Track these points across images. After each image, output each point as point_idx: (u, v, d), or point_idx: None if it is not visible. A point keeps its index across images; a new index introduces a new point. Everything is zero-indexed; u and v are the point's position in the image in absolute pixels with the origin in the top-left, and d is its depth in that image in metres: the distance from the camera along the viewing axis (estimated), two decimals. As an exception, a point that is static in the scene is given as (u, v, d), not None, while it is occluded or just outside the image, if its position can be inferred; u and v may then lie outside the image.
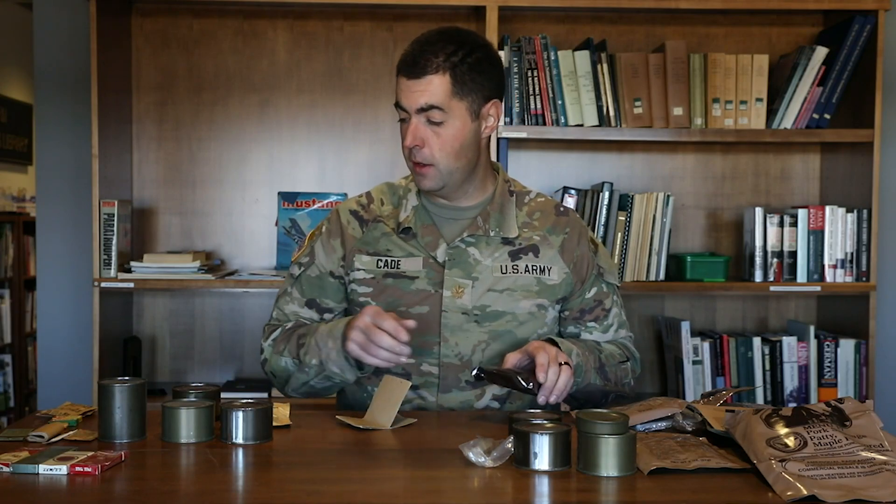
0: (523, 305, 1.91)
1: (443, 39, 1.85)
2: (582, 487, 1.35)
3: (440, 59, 1.83)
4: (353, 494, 1.33)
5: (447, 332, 1.89)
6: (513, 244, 1.94)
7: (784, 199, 3.29)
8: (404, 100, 1.86)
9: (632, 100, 2.98)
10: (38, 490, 1.33)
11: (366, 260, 1.94)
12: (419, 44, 1.86)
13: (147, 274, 2.94)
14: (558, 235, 1.97)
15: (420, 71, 1.83)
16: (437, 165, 1.87)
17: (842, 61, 2.98)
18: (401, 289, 1.91)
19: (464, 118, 1.86)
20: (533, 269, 1.93)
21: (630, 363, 2.01)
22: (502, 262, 1.92)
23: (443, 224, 1.95)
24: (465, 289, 1.90)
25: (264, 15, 3.20)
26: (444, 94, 1.83)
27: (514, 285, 1.91)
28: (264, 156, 3.24)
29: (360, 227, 1.97)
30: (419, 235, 1.93)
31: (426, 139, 1.85)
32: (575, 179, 3.24)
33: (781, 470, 1.33)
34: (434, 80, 1.83)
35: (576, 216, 2.03)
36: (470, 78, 1.85)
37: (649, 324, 3.30)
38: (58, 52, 3.22)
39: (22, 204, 6.39)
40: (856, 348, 3.04)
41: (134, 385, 1.59)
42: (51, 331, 3.25)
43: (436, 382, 1.89)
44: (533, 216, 1.98)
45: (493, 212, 1.94)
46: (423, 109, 1.84)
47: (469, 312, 1.90)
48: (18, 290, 5.55)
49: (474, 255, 1.92)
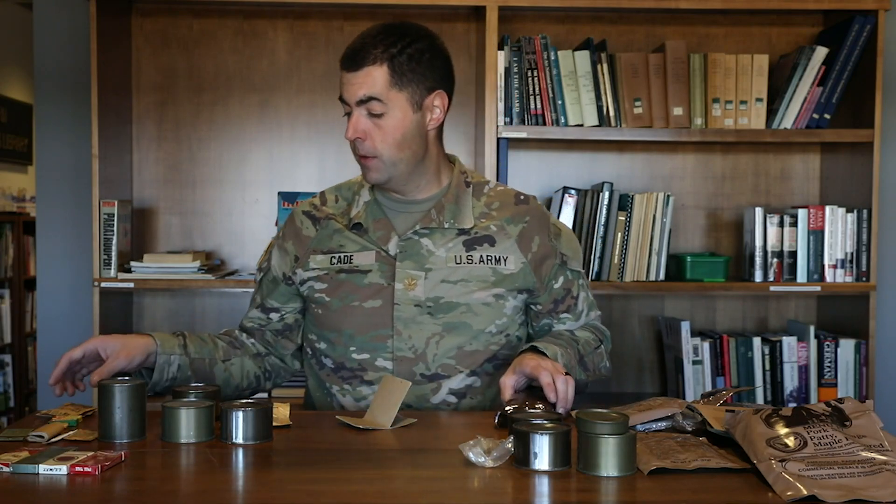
0: (478, 296, 1.90)
1: (383, 32, 1.87)
2: (582, 487, 1.35)
3: (378, 51, 1.84)
4: (353, 494, 1.33)
5: (400, 324, 1.89)
6: (468, 234, 1.93)
7: (784, 199, 3.29)
8: (344, 93, 1.87)
9: (632, 100, 2.98)
10: (38, 490, 1.33)
11: (320, 259, 1.95)
12: (360, 37, 1.88)
13: (147, 274, 2.94)
14: (517, 225, 1.96)
15: (359, 63, 1.84)
16: (381, 157, 1.88)
17: (842, 61, 2.98)
18: (354, 283, 1.91)
19: (404, 109, 1.87)
20: (488, 259, 1.92)
21: (604, 345, 2.03)
22: (457, 253, 1.91)
23: (396, 217, 1.95)
24: (418, 280, 1.89)
25: (264, 15, 3.20)
26: (382, 85, 1.84)
27: (469, 276, 1.91)
28: (264, 156, 3.24)
29: (313, 227, 1.99)
30: (371, 230, 1.93)
31: (368, 131, 1.86)
32: (575, 179, 3.24)
33: (781, 470, 1.32)
34: (372, 72, 1.84)
35: (536, 204, 2.02)
36: (409, 69, 1.86)
37: (649, 324, 3.30)
38: (58, 52, 3.22)
39: (22, 204, 6.39)
40: (856, 348, 3.04)
41: (134, 385, 1.59)
42: (51, 331, 3.25)
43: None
44: (491, 206, 1.98)
45: (447, 203, 1.94)
46: (363, 101, 1.85)
47: (422, 304, 1.89)
48: (18, 290, 5.55)
49: (427, 247, 1.91)
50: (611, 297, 3.28)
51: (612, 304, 3.29)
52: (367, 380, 1.91)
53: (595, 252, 2.97)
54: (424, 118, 1.90)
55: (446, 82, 1.93)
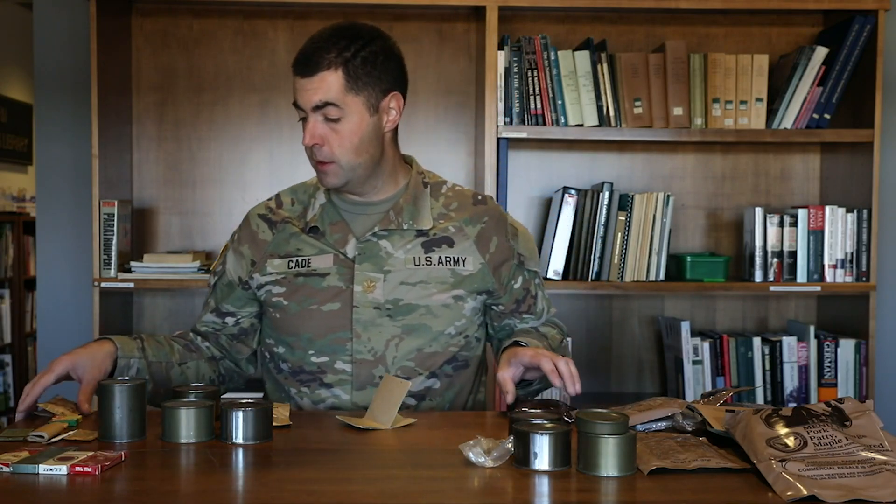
0: (437, 298, 1.90)
1: (335, 35, 1.84)
2: (582, 487, 1.35)
3: (332, 56, 1.82)
4: (353, 494, 1.33)
5: (359, 327, 1.88)
6: (427, 235, 1.93)
7: (784, 199, 3.29)
8: (299, 99, 1.85)
9: (632, 100, 2.98)
10: (38, 490, 1.33)
11: (277, 263, 1.94)
12: (312, 41, 1.85)
13: (147, 274, 2.94)
14: (475, 226, 1.96)
15: (313, 68, 1.82)
16: (339, 162, 1.86)
17: (842, 61, 2.98)
18: (312, 286, 1.90)
19: (361, 113, 1.85)
20: (447, 260, 1.92)
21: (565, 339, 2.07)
22: (415, 255, 1.91)
23: (353, 220, 1.94)
24: (377, 283, 1.88)
25: (264, 15, 3.20)
26: (338, 90, 1.82)
27: (428, 277, 1.90)
28: (264, 156, 3.24)
29: (269, 231, 1.97)
30: (327, 233, 1.92)
31: (325, 137, 1.84)
32: (575, 179, 3.24)
33: (781, 470, 1.33)
34: (327, 77, 1.82)
35: (494, 204, 2.02)
36: (364, 72, 1.84)
37: (649, 324, 3.30)
38: (58, 52, 3.22)
39: (22, 204, 6.39)
40: (856, 348, 3.04)
41: (134, 385, 1.59)
42: (51, 331, 3.25)
43: (350, 380, 1.88)
44: (450, 207, 1.97)
45: (405, 204, 1.93)
46: (319, 107, 1.83)
47: (381, 307, 1.88)
48: (18, 290, 5.55)
49: (386, 249, 1.90)
50: (611, 297, 3.28)
51: (612, 304, 3.29)
52: (326, 382, 1.89)
53: (595, 252, 2.97)
54: (381, 121, 1.88)
55: (400, 83, 1.91)
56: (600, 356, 3.29)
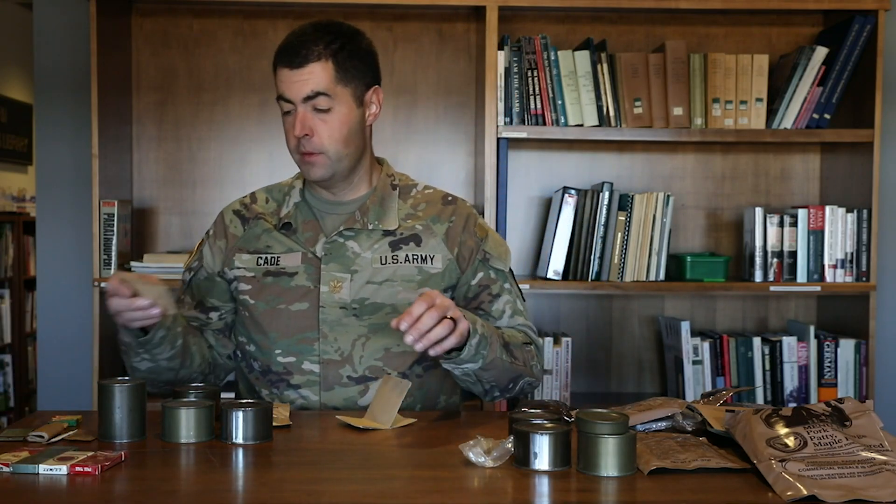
0: (404, 297, 1.89)
1: (319, 30, 1.88)
2: (582, 487, 1.35)
3: (320, 48, 1.85)
4: (353, 494, 1.33)
5: (326, 327, 1.88)
6: (394, 235, 1.93)
7: (784, 199, 3.29)
8: (287, 91, 1.87)
9: (632, 100, 2.98)
10: (38, 490, 1.33)
11: (246, 258, 1.95)
12: (295, 36, 1.88)
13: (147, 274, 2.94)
14: (443, 224, 1.96)
15: (303, 60, 1.85)
16: (327, 153, 1.87)
17: (842, 61, 2.98)
18: (280, 286, 1.91)
19: (349, 104, 1.88)
20: (414, 258, 1.92)
21: (533, 347, 1.95)
22: (382, 254, 1.91)
23: (324, 219, 1.96)
24: (343, 283, 1.89)
25: (264, 15, 3.20)
26: (328, 80, 1.85)
27: (394, 276, 1.90)
28: (264, 156, 3.24)
29: (241, 226, 1.99)
30: (299, 230, 1.93)
31: (314, 128, 1.86)
32: (575, 179, 3.24)
33: (781, 470, 1.33)
34: (317, 68, 1.85)
35: (464, 204, 2.02)
36: (352, 65, 1.88)
37: (649, 324, 3.30)
38: (58, 52, 3.22)
39: (22, 204, 6.39)
40: (856, 348, 3.04)
41: (134, 385, 1.60)
42: (51, 331, 3.25)
43: (317, 381, 1.88)
44: (418, 207, 1.98)
45: (372, 205, 1.94)
46: (310, 97, 1.85)
47: (347, 307, 1.89)
48: (18, 290, 5.55)
49: (353, 249, 1.91)
50: (611, 297, 3.28)
51: (612, 304, 3.29)
52: (293, 384, 1.89)
53: (595, 252, 2.97)
54: (364, 114, 1.92)
55: (379, 79, 1.96)
56: (600, 356, 3.29)
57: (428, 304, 1.63)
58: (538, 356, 1.96)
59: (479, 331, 1.74)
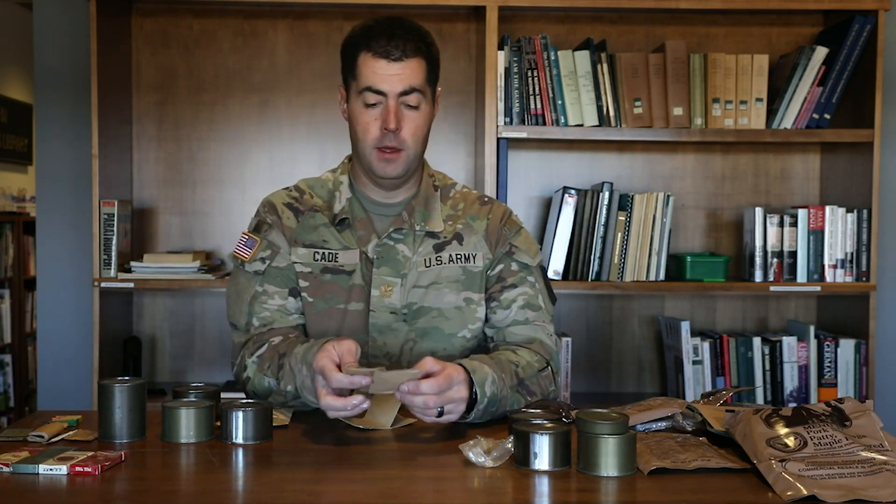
0: (449, 300, 1.88)
1: (407, 27, 1.85)
2: (582, 487, 1.35)
3: (416, 44, 1.83)
4: (353, 494, 1.33)
5: (375, 331, 1.87)
6: (437, 237, 1.92)
7: (784, 199, 3.29)
8: (383, 83, 1.82)
9: (632, 100, 2.98)
10: (38, 490, 1.33)
11: (302, 252, 1.90)
12: (387, 28, 1.83)
13: (147, 274, 2.94)
14: (482, 221, 1.95)
15: (402, 54, 1.82)
16: (407, 150, 1.85)
17: (842, 61, 2.98)
18: (339, 285, 1.88)
19: (430, 103, 1.88)
20: (458, 258, 1.91)
21: (550, 367, 1.86)
22: (427, 256, 1.90)
23: (374, 219, 1.93)
24: (394, 287, 1.87)
25: (264, 15, 3.20)
26: (422, 77, 1.84)
27: (439, 277, 1.89)
28: (264, 156, 3.24)
29: (294, 217, 1.93)
30: (354, 227, 1.90)
31: (401, 123, 1.83)
32: (575, 179, 3.24)
33: (781, 470, 1.32)
34: (415, 64, 1.83)
35: (499, 203, 2.02)
36: (436, 65, 1.88)
37: (649, 324, 3.30)
38: (58, 52, 3.22)
39: (22, 204, 6.39)
40: (856, 348, 3.04)
41: (134, 385, 1.59)
42: (51, 331, 3.25)
43: None
44: (458, 207, 1.97)
45: (417, 206, 1.92)
46: (406, 93, 1.82)
47: (398, 311, 1.87)
48: (18, 290, 5.55)
49: (403, 252, 1.89)
50: (611, 297, 3.28)
51: (612, 304, 3.29)
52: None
53: (595, 252, 2.97)
54: (433, 113, 1.92)
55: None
56: (600, 356, 3.29)
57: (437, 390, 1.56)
58: (554, 366, 1.89)
59: (489, 392, 1.66)
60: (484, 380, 1.66)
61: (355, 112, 1.86)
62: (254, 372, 1.82)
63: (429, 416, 1.58)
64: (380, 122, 1.83)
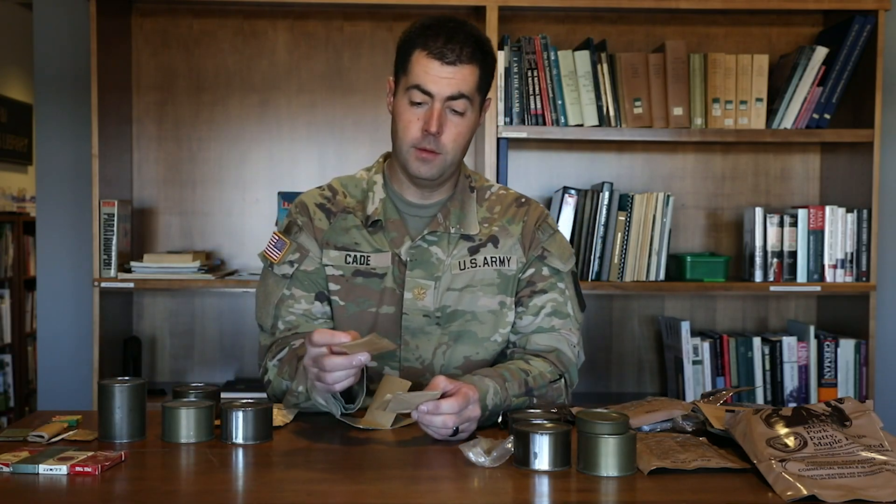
0: (483, 303, 1.87)
1: (466, 31, 1.81)
2: (582, 487, 1.35)
3: (472, 50, 1.79)
4: (353, 494, 1.33)
5: (408, 335, 1.85)
6: (472, 240, 1.90)
7: (784, 199, 3.29)
8: (433, 84, 1.78)
9: (632, 100, 2.98)
10: (38, 490, 1.33)
11: (334, 255, 1.88)
12: (446, 29, 1.79)
13: (147, 274, 2.94)
14: (517, 224, 1.93)
15: (457, 58, 1.78)
16: (446, 155, 1.82)
17: (842, 61, 2.98)
18: (371, 288, 1.86)
19: (476, 112, 1.85)
20: (492, 260, 1.89)
21: (564, 378, 1.85)
22: (461, 258, 1.88)
23: (407, 220, 1.91)
24: (427, 290, 1.85)
25: (264, 15, 3.20)
26: (472, 85, 1.81)
27: (473, 280, 1.87)
28: (264, 156, 3.24)
29: (326, 219, 1.91)
30: (386, 229, 1.88)
31: (443, 127, 1.80)
32: (575, 179, 3.24)
33: (781, 470, 1.32)
34: (467, 70, 1.79)
35: (536, 204, 1.98)
36: (488, 74, 1.84)
37: (649, 324, 3.30)
38: (58, 52, 3.22)
39: (22, 204, 6.39)
40: (856, 348, 3.04)
41: (134, 385, 1.59)
42: (51, 331, 3.25)
43: None
44: (493, 210, 1.95)
45: (453, 208, 1.90)
46: (453, 97, 1.79)
47: (430, 315, 1.85)
48: (18, 290, 5.55)
49: (437, 255, 1.87)
50: (611, 297, 3.28)
51: (612, 304, 3.29)
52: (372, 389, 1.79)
53: (595, 252, 2.97)
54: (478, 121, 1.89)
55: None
56: (600, 356, 3.29)
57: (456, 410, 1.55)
58: (570, 378, 1.87)
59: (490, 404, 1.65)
60: (486, 393, 1.66)
61: (400, 108, 1.84)
62: (274, 375, 1.82)
63: (443, 435, 1.58)
64: (421, 123, 1.81)
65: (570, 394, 1.89)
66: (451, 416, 1.55)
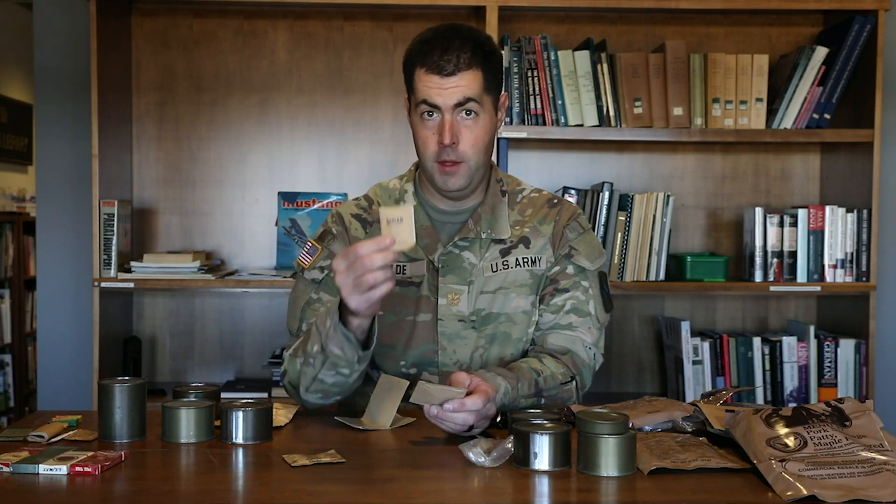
0: (516, 304, 1.88)
1: (462, 36, 1.82)
2: (582, 487, 1.35)
3: (469, 55, 1.80)
4: (353, 494, 1.33)
5: (444, 340, 1.87)
6: (503, 242, 1.91)
7: (784, 199, 3.29)
8: (437, 97, 1.80)
9: (632, 100, 2.98)
10: (38, 490, 1.33)
11: None
12: (440, 41, 1.81)
13: (147, 274, 2.94)
14: (549, 224, 1.94)
15: (454, 68, 1.79)
16: (468, 162, 1.83)
17: (842, 61, 2.98)
18: (407, 297, 1.88)
19: (490, 112, 1.85)
20: (524, 261, 1.90)
21: (576, 380, 1.85)
22: (493, 261, 1.89)
23: (439, 227, 1.92)
24: (461, 295, 1.87)
25: (264, 15, 3.20)
26: (478, 87, 1.81)
27: (505, 282, 1.88)
28: (264, 156, 3.24)
29: (363, 230, 1.93)
30: (419, 236, 1.88)
31: (459, 135, 1.81)
32: (575, 179, 3.24)
33: (781, 470, 1.33)
34: (468, 76, 1.80)
35: (569, 204, 1.98)
36: (495, 72, 1.85)
37: (649, 324, 3.30)
38: (58, 52, 3.22)
39: (22, 204, 6.39)
40: (856, 348, 3.04)
41: (134, 385, 1.59)
42: (51, 331, 3.25)
43: None
44: (525, 213, 1.95)
45: (484, 213, 1.91)
46: (460, 104, 1.80)
47: (466, 319, 1.87)
48: (18, 290, 5.55)
49: (469, 259, 1.88)
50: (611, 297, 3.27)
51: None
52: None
53: (595, 252, 2.97)
54: (496, 121, 1.89)
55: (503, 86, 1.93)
56: (600, 356, 3.29)
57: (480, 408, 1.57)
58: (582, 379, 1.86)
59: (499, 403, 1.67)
60: (496, 392, 1.67)
61: (415, 125, 1.86)
62: (288, 360, 1.82)
63: (458, 431, 1.58)
64: (437, 136, 1.82)
65: (580, 396, 1.89)
66: (473, 413, 1.57)
